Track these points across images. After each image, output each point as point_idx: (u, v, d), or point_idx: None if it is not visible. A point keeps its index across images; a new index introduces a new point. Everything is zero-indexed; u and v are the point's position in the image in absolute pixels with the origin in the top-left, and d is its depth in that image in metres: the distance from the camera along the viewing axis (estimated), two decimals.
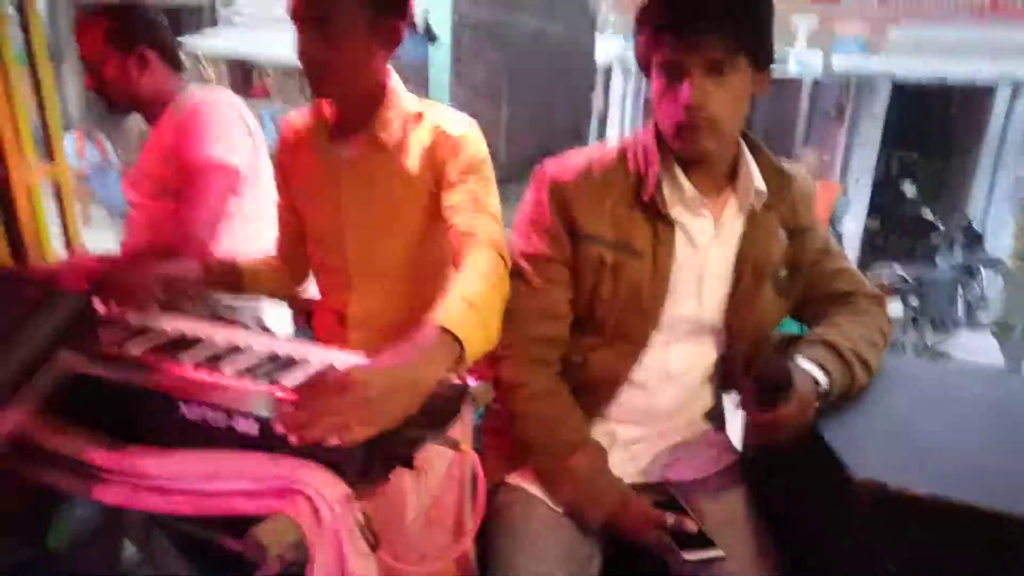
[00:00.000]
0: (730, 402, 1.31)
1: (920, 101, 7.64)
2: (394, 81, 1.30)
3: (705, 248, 1.17)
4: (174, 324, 1.15)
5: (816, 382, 1.09)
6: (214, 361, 1.03)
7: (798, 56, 4.87)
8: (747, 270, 1.17)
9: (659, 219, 1.15)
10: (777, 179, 1.17)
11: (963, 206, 7.05)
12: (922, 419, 1.09)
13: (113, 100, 1.76)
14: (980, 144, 7.07)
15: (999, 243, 6.48)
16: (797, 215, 1.21)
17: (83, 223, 5.38)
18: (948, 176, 7.98)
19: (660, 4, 1.06)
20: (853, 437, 1.04)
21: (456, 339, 0.93)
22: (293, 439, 0.79)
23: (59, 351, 0.87)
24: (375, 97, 1.27)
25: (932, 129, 7.98)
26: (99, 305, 1.13)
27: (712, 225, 1.17)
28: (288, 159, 1.41)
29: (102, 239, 2.21)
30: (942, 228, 5.77)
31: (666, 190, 1.14)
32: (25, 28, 1.91)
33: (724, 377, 1.29)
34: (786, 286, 1.22)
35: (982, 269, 5.56)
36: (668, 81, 1.07)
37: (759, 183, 1.15)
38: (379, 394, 0.81)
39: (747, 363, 1.22)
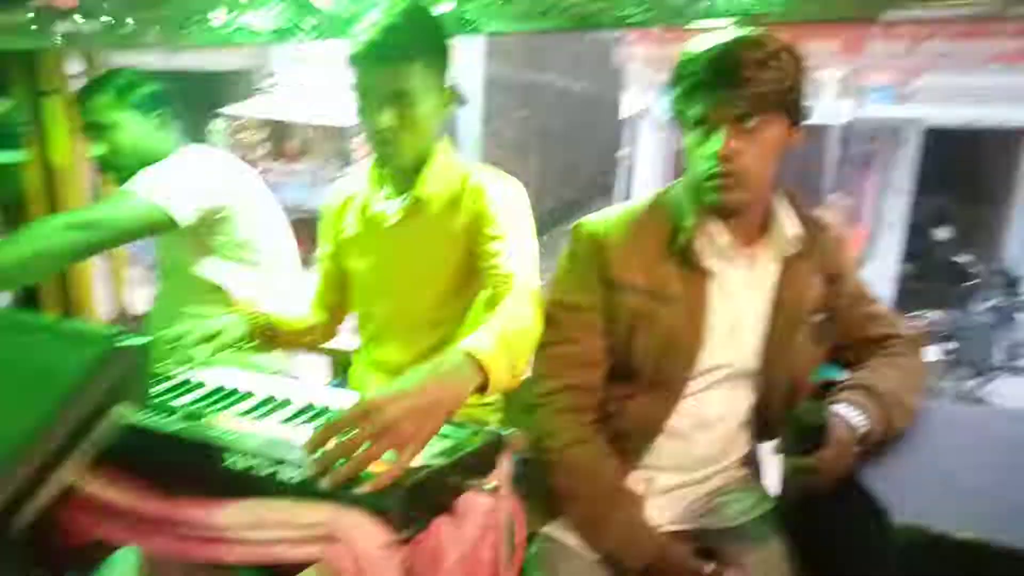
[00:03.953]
0: (766, 448, 1.30)
1: (951, 147, 7.60)
2: (442, 142, 1.36)
3: (739, 296, 1.19)
4: (216, 377, 1.19)
5: (854, 427, 1.08)
6: (256, 411, 1.06)
7: (827, 105, 4.90)
8: (781, 317, 1.18)
9: (693, 268, 1.17)
10: (810, 227, 1.19)
11: (998, 250, 6.93)
12: (963, 462, 1.08)
13: (124, 165, 1.69)
14: (1013, 188, 6.99)
15: None
16: (831, 262, 1.22)
17: None
18: (982, 220, 7.87)
19: (694, 61, 1.09)
20: (893, 481, 1.03)
21: (480, 365, 0.94)
22: (325, 483, 0.80)
23: (115, 406, 0.90)
24: (424, 158, 1.33)
25: (964, 174, 7.92)
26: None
27: (746, 273, 1.19)
28: (337, 216, 1.48)
29: (139, 297, 2.29)
30: (977, 272, 5.67)
31: (699, 239, 1.17)
32: None
33: (761, 424, 1.28)
34: (821, 332, 1.23)
35: (1020, 313, 5.43)
36: (701, 134, 1.11)
37: (792, 230, 1.17)
38: (399, 417, 0.81)
39: (784, 409, 1.22)
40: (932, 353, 4.89)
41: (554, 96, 11.91)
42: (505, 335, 1.03)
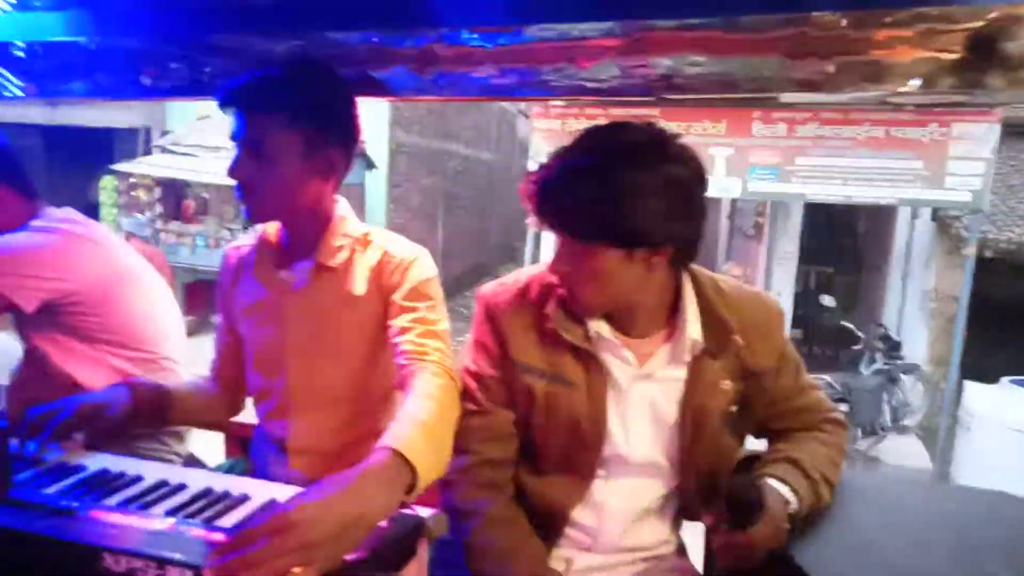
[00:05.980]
0: (690, 527, 1.27)
1: (831, 221, 8.24)
2: (341, 208, 1.29)
3: (627, 389, 1.15)
4: (98, 461, 1.06)
5: (786, 501, 1.07)
6: (142, 501, 0.94)
7: (717, 183, 5.22)
8: (688, 417, 1.14)
9: (589, 353, 1.14)
10: (719, 328, 1.13)
11: (878, 316, 7.46)
12: (884, 535, 1.09)
13: None
14: (888, 259, 7.62)
15: (914, 350, 6.83)
16: (751, 357, 1.16)
17: None
18: (862, 288, 8.50)
19: (526, 187, 1.11)
20: (821, 557, 1.02)
21: (409, 464, 0.88)
22: None
23: None
24: (321, 224, 1.26)
25: (844, 246, 8.59)
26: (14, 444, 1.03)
27: (637, 368, 1.15)
28: (232, 284, 1.37)
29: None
30: (862, 337, 6.03)
31: (579, 327, 1.13)
32: None
33: (679, 508, 1.25)
34: (738, 423, 1.18)
35: (902, 376, 5.79)
36: None
37: (694, 333, 1.13)
38: (324, 535, 0.74)
39: (705, 494, 1.18)
40: None
41: (461, 164, 12.12)
42: (429, 423, 0.98)
